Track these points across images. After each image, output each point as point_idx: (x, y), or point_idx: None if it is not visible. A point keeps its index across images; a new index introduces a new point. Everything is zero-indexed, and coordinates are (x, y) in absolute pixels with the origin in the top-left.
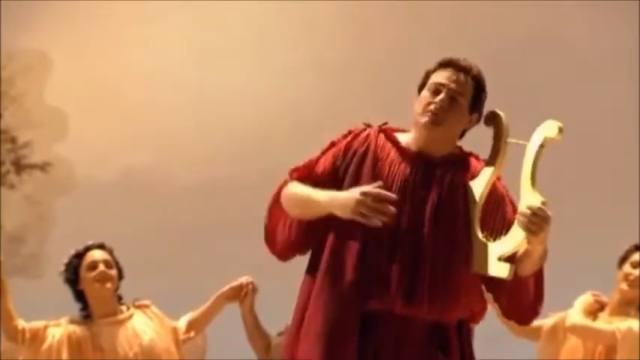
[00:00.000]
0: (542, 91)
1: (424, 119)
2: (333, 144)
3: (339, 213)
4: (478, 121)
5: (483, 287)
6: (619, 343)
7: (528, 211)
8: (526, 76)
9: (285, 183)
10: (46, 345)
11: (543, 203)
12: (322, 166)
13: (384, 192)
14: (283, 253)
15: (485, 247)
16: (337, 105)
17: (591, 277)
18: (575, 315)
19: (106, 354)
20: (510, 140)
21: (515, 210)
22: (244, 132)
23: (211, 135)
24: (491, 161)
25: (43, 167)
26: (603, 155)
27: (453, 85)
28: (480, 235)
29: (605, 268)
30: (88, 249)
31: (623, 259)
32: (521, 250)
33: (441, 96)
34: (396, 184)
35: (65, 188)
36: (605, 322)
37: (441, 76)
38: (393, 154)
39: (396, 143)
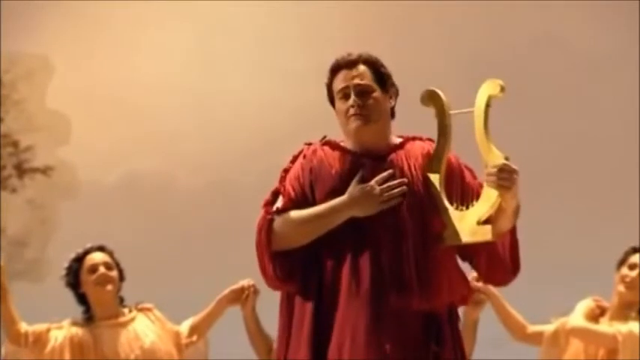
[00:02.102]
0: (542, 93)
1: (353, 125)
2: (286, 171)
3: (359, 212)
4: (397, 94)
5: (459, 260)
6: (620, 346)
7: (495, 169)
8: (526, 78)
9: (267, 223)
10: (48, 347)
11: (506, 158)
12: (293, 191)
13: (385, 174)
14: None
15: (460, 218)
16: None
17: (592, 281)
18: (577, 318)
19: (108, 356)
20: (454, 112)
21: (472, 173)
22: (247, 136)
23: (214, 139)
24: (440, 137)
25: (45, 171)
26: (604, 156)
27: (355, 81)
28: (451, 207)
29: (606, 272)
30: (87, 252)
31: (621, 262)
32: (495, 209)
33: (352, 97)
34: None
35: (67, 192)
36: (606, 326)
37: (339, 81)
38: (344, 161)
39: (343, 150)
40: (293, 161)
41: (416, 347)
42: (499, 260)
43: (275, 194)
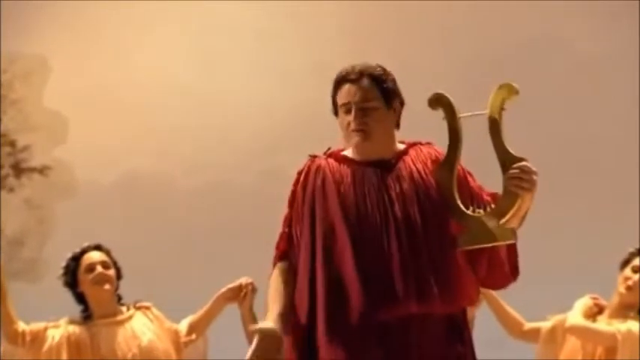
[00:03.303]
0: (542, 93)
1: (354, 140)
2: (293, 192)
3: None
4: (402, 105)
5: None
6: (619, 345)
7: (517, 171)
8: (525, 78)
9: (275, 262)
10: (46, 346)
11: (524, 160)
12: (287, 241)
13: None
14: None
15: (479, 221)
16: None
17: (590, 280)
18: (576, 316)
19: (105, 355)
20: (465, 114)
21: (472, 176)
22: (245, 136)
23: (211, 139)
24: (452, 141)
25: (42, 171)
26: (604, 157)
27: (356, 99)
28: (469, 211)
29: (604, 270)
30: (84, 251)
31: (625, 262)
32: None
33: (352, 114)
34: (369, 197)
35: (65, 192)
36: (604, 325)
37: (342, 96)
38: (351, 172)
39: (349, 162)
40: (297, 181)
41: (442, 350)
42: (500, 264)
43: (281, 238)
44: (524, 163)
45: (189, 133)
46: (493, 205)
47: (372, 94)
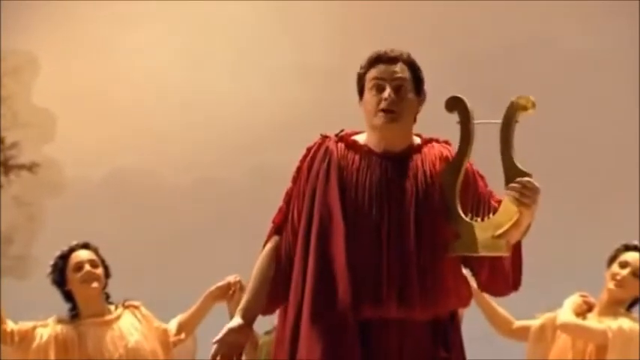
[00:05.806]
0: (540, 94)
1: (380, 120)
2: (298, 169)
3: None
4: (423, 100)
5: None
6: (610, 342)
7: (518, 185)
8: (524, 78)
9: (269, 235)
10: (34, 345)
11: (529, 176)
12: (283, 216)
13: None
14: None
15: (473, 229)
16: (324, 106)
17: (586, 278)
18: (566, 314)
19: (92, 355)
20: (480, 121)
21: (484, 181)
22: (232, 134)
23: (199, 137)
24: (462, 145)
25: (30, 168)
26: (603, 156)
27: (393, 77)
28: (466, 217)
29: (601, 271)
30: (72, 250)
31: (612, 259)
32: (512, 224)
33: (387, 91)
34: (369, 189)
35: (53, 189)
36: (595, 322)
37: (376, 72)
38: (358, 159)
39: (358, 148)
40: (304, 158)
41: (424, 355)
42: (501, 273)
43: (278, 211)
44: (528, 178)
45: (178, 131)
46: (492, 215)
47: (407, 79)
